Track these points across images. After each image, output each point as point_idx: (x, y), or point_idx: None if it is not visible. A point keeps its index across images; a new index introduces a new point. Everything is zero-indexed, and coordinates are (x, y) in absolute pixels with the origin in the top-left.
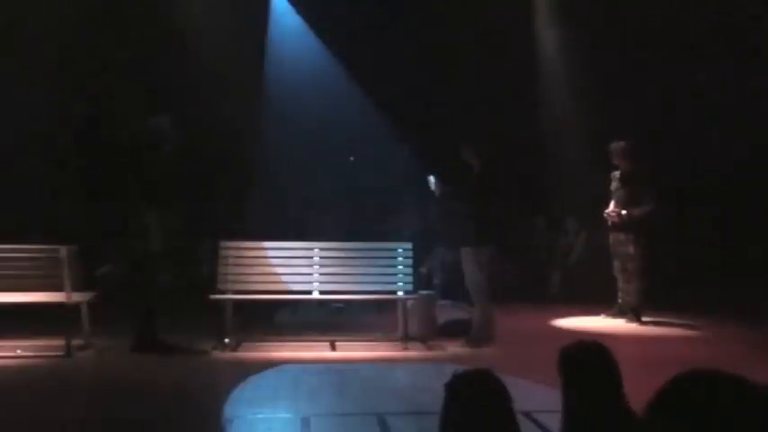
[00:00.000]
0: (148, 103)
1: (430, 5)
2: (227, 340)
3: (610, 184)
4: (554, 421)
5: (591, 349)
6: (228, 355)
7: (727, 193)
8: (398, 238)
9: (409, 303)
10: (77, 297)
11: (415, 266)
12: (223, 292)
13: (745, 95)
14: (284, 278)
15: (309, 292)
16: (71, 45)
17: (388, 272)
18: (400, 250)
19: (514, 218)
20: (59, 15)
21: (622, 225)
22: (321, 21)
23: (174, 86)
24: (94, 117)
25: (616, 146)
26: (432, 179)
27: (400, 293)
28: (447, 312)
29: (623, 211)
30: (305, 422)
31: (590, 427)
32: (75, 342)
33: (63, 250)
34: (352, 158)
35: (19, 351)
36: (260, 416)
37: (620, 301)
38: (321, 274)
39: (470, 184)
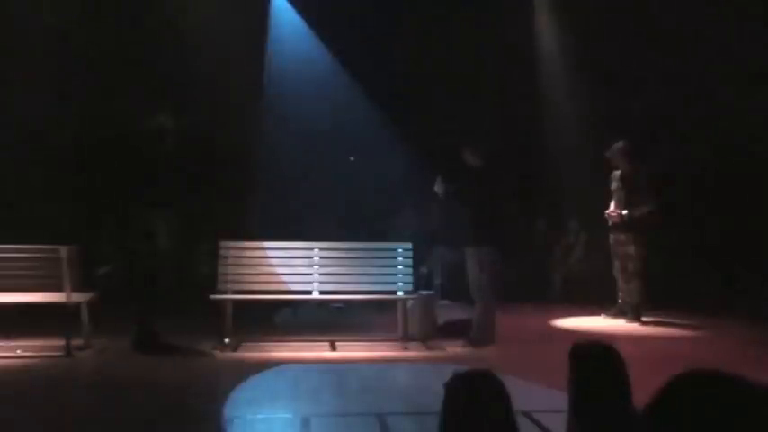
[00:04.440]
0: (148, 102)
1: (430, 5)
2: (227, 340)
3: (610, 184)
4: (554, 421)
5: (601, 349)
6: (228, 355)
7: (728, 192)
8: (399, 237)
9: (409, 303)
10: (77, 297)
11: (415, 266)
12: (223, 292)
13: (747, 94)
14: (284, 278)
15: (309, 292)
16: (70, 44)
17: (388, 272)
18: (400, 250)
19: (515, 218)
20: (59, 14)
21: (622, 225)
22: (321, 21)
23: (174, 86)
24: (95, 116)
25: (616, 146)
26: (439, 181)
27: (400, 293)
28: (447, 312)
29: (623, 212)
30: (305, 422)
31: (597, 427)
32: (75, 342)
33: (63, 250)
34: (352, 158)
35: (19, 351)
36: (260, 416)
37: (620, 301)
38: (321, 274)
39: (473, 185)
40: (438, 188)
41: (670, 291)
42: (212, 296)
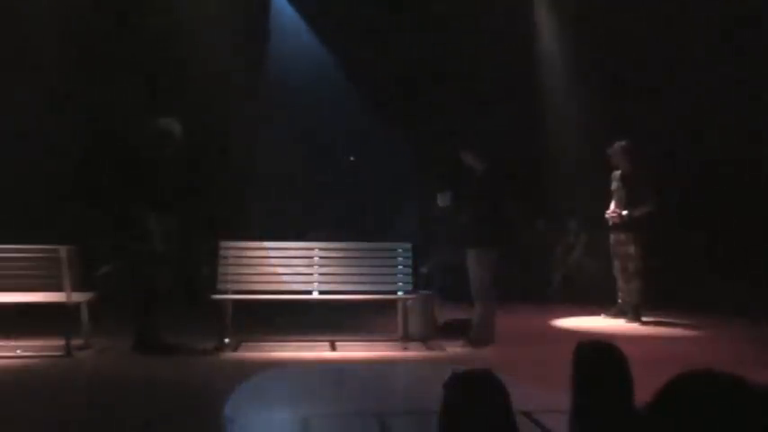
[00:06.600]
0: (148, 102)
1: (429, 4)
2: (227, 340)
3: (610, 184)
4: (554, 421)
5: (605, 349)
6: (228, 355)
7: (728, 192)
8: (399, 237)
9: (409, 303)
10: (77, 297)
11: (415, 266)
12: (223, 292)
13: (748, 94)
14: (284, 278)
15: (309, 292)
16: (70, 43)
17: (388, 272)
18: (400, 250)
19: (515, 219)
20: (59, 13)
21: (623, 225)
22: (321, 20)
23: (174, 86)
24: (95, 117)
25: (617, 145)
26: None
27: (400, 293)
28: (447, 312)
29: (624, 212)
30: (305, 422)
31: (599, 426)
32: (75, 342)
33: (63, 250)
34: (352, 158)
35: (19, 351)
36: (260, 416)
37: (620, 301)
38: (321, 274)
39: (473, 186)
40: (441, 201)
41: (670, 291)
42: (213, 296)
